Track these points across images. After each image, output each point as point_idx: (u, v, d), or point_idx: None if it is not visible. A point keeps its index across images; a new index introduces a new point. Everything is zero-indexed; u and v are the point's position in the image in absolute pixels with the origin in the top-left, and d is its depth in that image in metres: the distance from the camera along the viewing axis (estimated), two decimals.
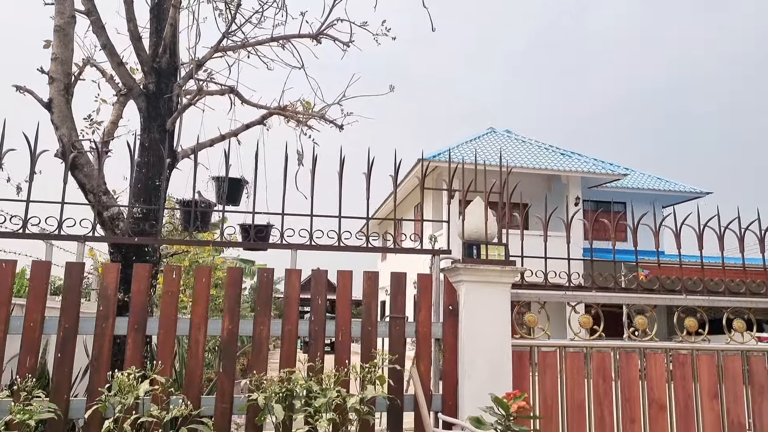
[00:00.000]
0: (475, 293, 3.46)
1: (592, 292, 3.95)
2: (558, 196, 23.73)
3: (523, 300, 3.82)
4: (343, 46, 4.92)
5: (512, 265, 3.48)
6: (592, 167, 22.75)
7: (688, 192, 25.72)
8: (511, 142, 24.75)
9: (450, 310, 3.50)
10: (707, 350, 3.99)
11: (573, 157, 24.18)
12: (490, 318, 3.45)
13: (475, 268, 3.43)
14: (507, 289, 3.51)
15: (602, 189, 24.49)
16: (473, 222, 3.57)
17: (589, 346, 3.84)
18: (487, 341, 3.43)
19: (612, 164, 26.42)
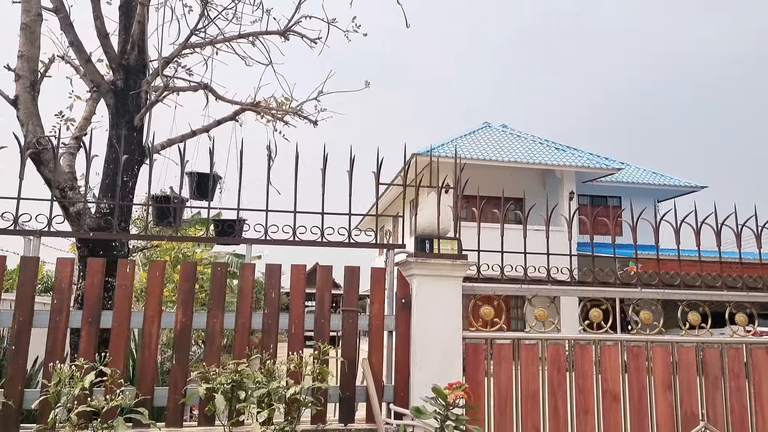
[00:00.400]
0: (427, 286, 3.53)
1: (548, 286, 4.01)
2: (553, 190, 23.79)
3: (479, 293, 3.88)
4: (310, 42, 4.97)
5: (463, 259, 3.55)
6: (586, 161, 22.76)
7: (684, 186, 25.73)
8: (506, 136, 24.77)
9: (403, 303, 3.57)
10: (662, 342, 4.06)
11: (568, 151, 24.19)
12: (441, 311, 3.52)
13: (426, 261, 3.49)
14: (458, 282, 3.58)
15: (597, 183, 24.51)
16: (426, 217, 3.64)
17: (544, 339, 3.91)
18: (437, 333, 3.50)
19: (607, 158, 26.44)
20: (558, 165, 22.10)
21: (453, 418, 2.75)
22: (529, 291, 3.95)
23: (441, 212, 3.68)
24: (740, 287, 4.33)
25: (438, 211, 3.63)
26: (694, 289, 4.23)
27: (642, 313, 4.12)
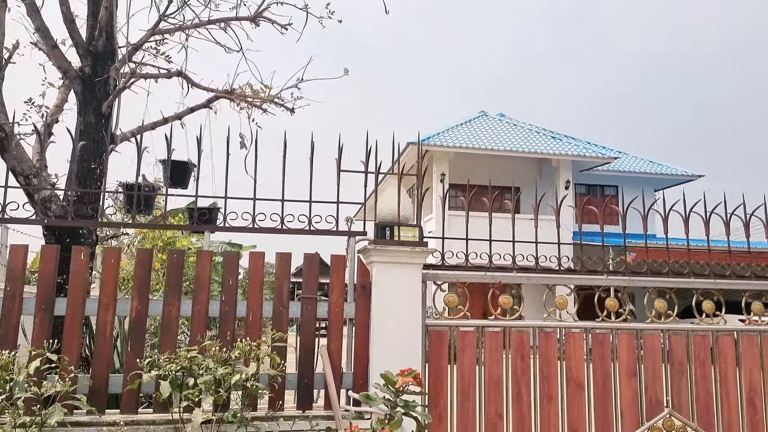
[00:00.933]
0: (386, 274, 3.51)
1: (513, 273, 4.00)
2: (549, 179, 23.73)
3: (443, 280, 3.87)
4: (281, 29, 4.93)
5: (423, 246, 3.53)
6: (582, 150, 22.69)
7: (680, 175, 25.65)
8: (502, 125, 24.67)
9: (363, 290, 3.56)
10: (627, 329, 4.04)
11: (564, 140, 24.09)
12: (400, 298, 3.51)
13: (385, 249, 3.48)
14: (418, 269, 3.56)
15: (594, 172, 24.43)
16: (387, 204, 3.62)
17: (509, 326, 3.90)
18: (397, 321, 3.49)
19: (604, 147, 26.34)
20: (554, 154, 22.04)
21: (401, 404, 2.74)
22: (493, 278, 3.93)
23: (402, 199, 3.65)
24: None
25: (398, 198, 3.61)
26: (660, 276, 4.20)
27: (607, 300, 4.09)
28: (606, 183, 25.79)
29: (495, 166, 23.83)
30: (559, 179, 22.89)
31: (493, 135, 23.40)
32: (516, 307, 3.98)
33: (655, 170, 25.68)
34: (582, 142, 25.86)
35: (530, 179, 24.76)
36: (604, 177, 25.29)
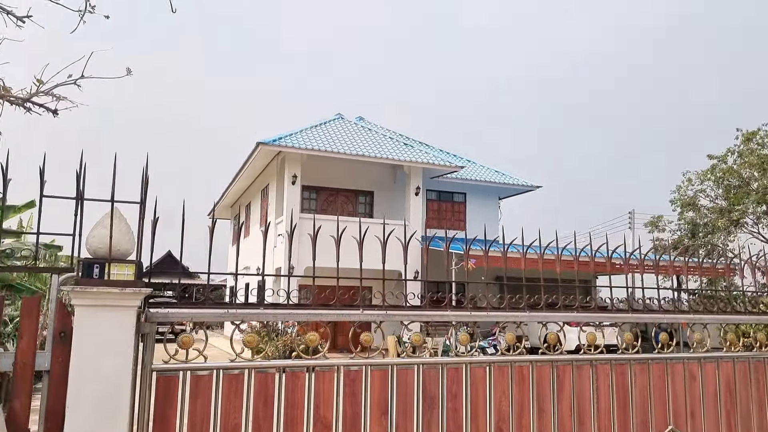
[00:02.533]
0: (90, 319, 3.06)
1: (260, 309, 3.71)
2: (402, 185, 24.23)
3: (174, 320, 3.49)
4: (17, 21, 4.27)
5: (136, 287, 3.12)
6: (432, 158, 23.39)
7: (522, 185, 27.38)
8: (357, 129, 24.78)
9: (61, 337, 3.08)
10: (379, 365, 3.92)
11: (416, 147, 24.74)
12: (107, 345, 3.08)
13: (87, 290, 3.02)
14: (131, 312, 3.14)
15: (444, 180, 25.34)
16: (99, 236, 3.16)
17: (250, 367, 3.61)
18: (102, 371, 3.05)
19: (454, 156, 27.44)
20: (405, 160, 22.51)
21: None
22: (234, 316, 3.62)
23: (120, 230, 3.21)
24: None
25: (111, 228, 3.16)
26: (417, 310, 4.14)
27: (363, 335, 3.95)
28: (455, 190, 26.88)
29: (349, 170, 23.90)
30: (410, 185, 23.40)
31: (348, 139, 23.40)
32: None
33: (499, 180, 27.17)
34: (434, 150, 26.76)
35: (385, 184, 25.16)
36: (454, 184, 26.34)
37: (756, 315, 5.09)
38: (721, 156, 27.12)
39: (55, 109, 5.29)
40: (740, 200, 25.67)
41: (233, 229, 33.44)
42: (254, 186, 27.22)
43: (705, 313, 4.82)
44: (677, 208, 28.23)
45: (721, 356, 4.79)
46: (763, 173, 25.14)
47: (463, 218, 26.94)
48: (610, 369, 4.47)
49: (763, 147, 25.94)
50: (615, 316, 4.60)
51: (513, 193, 28.34)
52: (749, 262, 5.32)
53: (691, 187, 27.92)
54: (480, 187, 27.10)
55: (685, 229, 27.87)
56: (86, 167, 3.21)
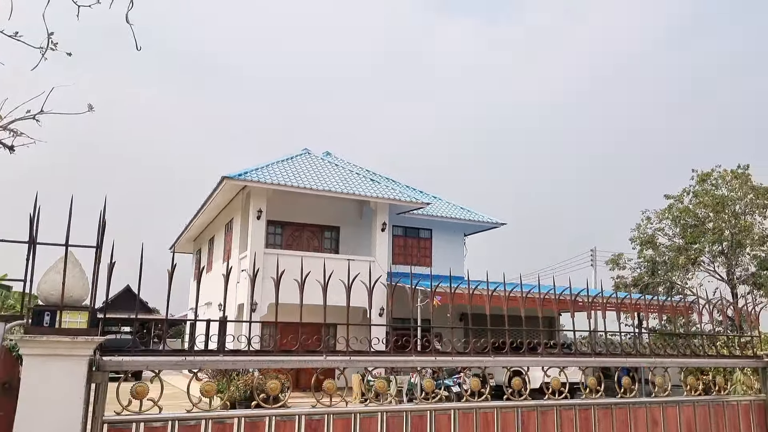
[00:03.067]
0: (40, 369, 2.92)
1: (219, 356, 3.60)
2: (368, 220, 24.21)
3: (128, 369, 3.35)
4: None
5: (88, 336, 3.00)
6: (398, 194, 23.48)
7: (487, 222, 27.66)
8: (324, 165, 24.79)
9: (5, 388, 2.92)
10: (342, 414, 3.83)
11: (382, 183, 24.83)
12: (57, 397, 2.93)
13: (37, 339, 2.89)
14: (83, 362, 3.01)
15: (410, 216, 25.41)
16: (51, 281, 3.04)
17: (208, 418, 3.48)
18: (50, 425, 2.89)
19: (421, 192, 27.66)
20: (371, 196, 22.52)
21: None
22: (192, 364, 3.50)
23: (74, 275, 3.09)
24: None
25: (64, 274, 3.04)
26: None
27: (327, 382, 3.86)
28: (421, 226, 26.96)
29: (315, 205, 23.80)
30: (376, 221, 23.40)
31: (315, 174, 23.38)
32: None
33: (465, 216, 27.41)
34: (400, 186, 26.92)
35: (350, 220, 25.11)
36: (420, 220, 26.44)
37: (714, 358, 5.17)
38: (677, 196, 28.03)
39: (11, 146, 5.16)
40: (696, 239, 26.45)
41: (194, 263, 32.81)
42: (218, 220, 26.84)
43: (666, 356, 4.88)
44: (637, 245, 28.91)
45: (682, 400, 4.84)
46: (717, 213, 26.02)
47: (429, 254, 26.99)
48: (574, 414, 4.46)
49: (717, 188, 26.93)
50: (579, 360, 4.62)
51: (478, 230, 28.59)
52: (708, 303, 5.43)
53: (650, 226, 28.69)
54: (446, 224, 27.26)
55: (645, 267, 28.49)
56: (40, 210, 3.10)
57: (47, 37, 4.71)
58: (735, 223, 25.58)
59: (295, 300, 3.69)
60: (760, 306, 5.99)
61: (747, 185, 26.21)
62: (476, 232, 28.84)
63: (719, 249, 26.43)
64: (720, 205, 25.90)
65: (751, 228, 25.71)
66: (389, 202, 22.97)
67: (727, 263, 26.39)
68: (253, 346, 3.69)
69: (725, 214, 25.88)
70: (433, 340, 4.27)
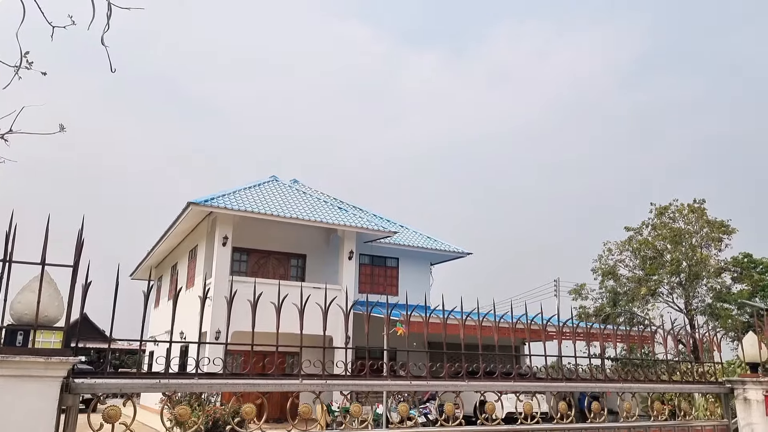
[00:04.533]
0: (11, 390, 2.82)
1: (194, 380, 3.55)
2: (335, 249, 24.16)
3: (101, 392, 3.28)
4: None
5: (63, 356, 2.93)
6: (366, 222, 23.54)
7: (453, 252, 27.89)
8: (292, 192, 24.75)
9: None
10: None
11: (350, 211, 24.87)
12: (27, 420, 2.84)
13: (9, 359, 2.80)
14: (55, 384, 2.93)
15: (377, 244, 25.47)
16: (26, 300, 2.97)
17: None
18: None
19: (388, 221, 27.79)
20: (339, 224, 22.52)
21: None
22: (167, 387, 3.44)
23: (49, 294, 3.03)
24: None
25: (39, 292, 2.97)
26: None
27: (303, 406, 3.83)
28: (388, 255, 27.03)
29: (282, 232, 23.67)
30: (343, 249, 23.37)
31: (282, 201, 23.30)
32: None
33: (431, 245, 27.60)
34: (368, 214, 27.00)
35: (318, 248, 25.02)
36: (387, 249, 26.51)
37: (680, 384, 5.31)
38: (637, 228, 28.85)
39: None
40: (655, 270, 27.18)
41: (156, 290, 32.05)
42: (182, 246, 26.38)
43: (633, 381, 4.99)
44: (599, 276, 29.52)
45: (649, 425, 4.94)
46: (675, 246, 26.85)
47: (395, 283, 27.00)
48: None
49: (675, 221, 27.84)
50: (551, 385, 4.69)
51: (444, 259, 28.80)
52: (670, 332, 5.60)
53: (611, 257, 29.38)
54: (412, 253, 27.39)
55: (607, 297, 29.07)
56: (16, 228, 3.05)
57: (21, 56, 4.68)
58: (692, 255, 26.42)
59: (261, 328, 3.65)
60: (720, 333, 6.21)
61: (703, 219, 27.18)
62: (442, 261, 29.04)
63: (677, 280, 27.20)
64: (677, 237, 26.76)
65: (707, 260, 26.58)
66: (357, 231, 23.01)
67: (684, 294, 27.14)
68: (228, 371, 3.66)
69: (682, 246, 26.73)
70: (408, 366, 4.29)
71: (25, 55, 4.63)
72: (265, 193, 23.44)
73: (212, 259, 21.09)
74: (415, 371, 4.29)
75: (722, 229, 27.05)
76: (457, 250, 28.07)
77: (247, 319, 3.70)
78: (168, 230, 23.73)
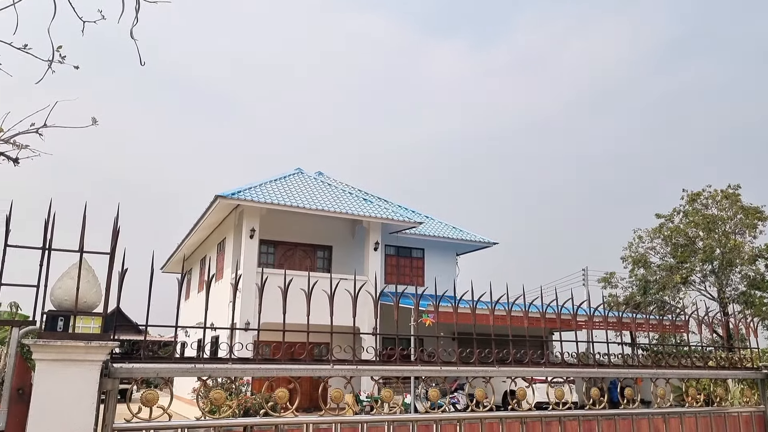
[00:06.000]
0: (54, 374, 2.91)
1: (228, 364, 3.60)
2: (361, 240, 24.24)
3: (139, 376, 3.36)
4: None
5: (102, 340, 3.00)
6: (391, 213, 23.56)
7: (479, 242, 27.76)
8: (317, 184, 24.86)
9: (19, 394, 2.91)
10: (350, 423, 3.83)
11: (375, 202, 24.91)
12: (69, 403, 2.92)
13: (50, 344, 2.89)
14: (95, 367, 3.01)
15: (403, 235, 25.48)
16: (65, 287, 3.05)
17: (217, 426, 3.48)
18: (61, 430, 2.89)
19: (413, 211, 27.75)
20: (364, 216, 22.58)
21: None
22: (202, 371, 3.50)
23: (87, 281, 3.11)
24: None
25: (79, 279, 3.05)
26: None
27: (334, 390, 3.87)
28: (414, 246, 27.02)
29: (308, 225, 23.84)
30: (369, 240, 23.43)
31: (307, 193, 23.43)
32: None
33: (457, 236, 27.50)
34: (393, 206, 27.01)
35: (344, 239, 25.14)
36: (412, 240, 26.50)
37: (715, 370, 5.22)
38: (668, 215, 28.31)
39: (16, 158, 5.18)
40: (687, 258, 26.67)
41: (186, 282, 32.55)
42: (210, 239, 26.76)
43: (668, 368, 4.92)
44: (629, 264, 29.08)
45: (684, 411, 4.87)
46: (708, 233, 26.30)
47: (421, 273, 27.00)
48: (578, 425, 4.48)
49: (707, 207, 27.24)
50: (582, 371, 4.65)
51: (470, 249, 28.68)
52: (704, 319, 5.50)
53: (642, 245, 28.90)
54: (438, 243, 27.34)
55: (637, 286, 28.64)
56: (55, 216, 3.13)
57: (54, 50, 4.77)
58: (725, 243, 25.85)
59: (290, 319, 3.67)
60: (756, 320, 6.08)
61: (737, 205, 26.55)
62: (468, 252, 28.92)
63: (710, 268, 26.66)
64: (710, 224, 26.20)
65: (741, 247, 25.98)
66: (382, 221, 23.05)
67: (717, 282, 26.59)
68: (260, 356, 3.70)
69: (715, 233, 26.16)
70: (438, 351, 4.29)
71: (57, 49, 4.73)
72: (290, 186, 23.60)
73: (240, 251, 21.35)
74: (445, 357, 4.29)
75: (757, 216, 26.40)
76: (483, 239, 27.91)
77: (275, 310, 3.73)
78: (197, 223, 24.07)
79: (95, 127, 5.48)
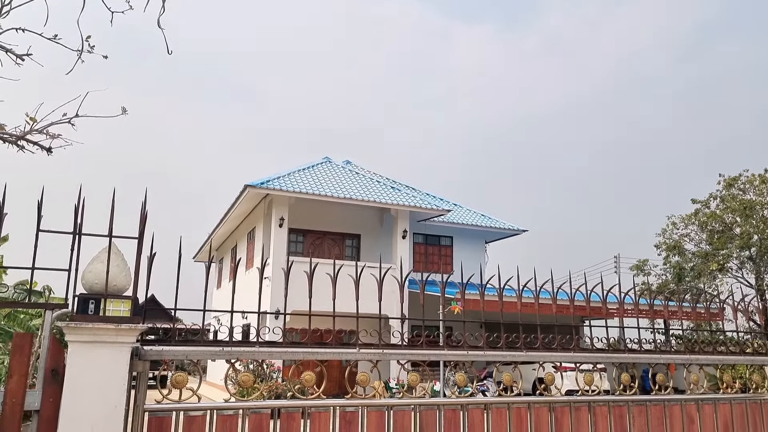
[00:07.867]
0: (85, 355, 2.98)
1: (256, 347, 3.64)
2: (389, 228, 24.26)
3: (168, 358, 3.42)
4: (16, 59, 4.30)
5: (132, 323, 3.06)
6: (419, 201, 23.49)
7: (508, 229, 27.52)
8: (345, 173, 24.91)
9: (53, 375, 2.99)
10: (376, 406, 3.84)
11: (403, 190, 24.85)
12: (101, 383, 2.99)
13: (82, 326, 2.95)
14: (125, 350, 3.07)
15: (431, 223, 25.41)
16: (95, 271, 3.11)
17: (245, 408, 3.52)
18: (94, 411, 2.95)
19: (442, 199, 27.64)
20: (392, 204, 22.56)
21: None
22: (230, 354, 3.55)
23: (117, 265, 3.17)
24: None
25: (108, 263, 3.11)
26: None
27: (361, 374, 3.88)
28: (442, 233, 26.93)
29: (336, 213, 23.94)
30: (397, 228, 23.42)
31: (335, 182, 23.49)
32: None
33: (486, 223, 27.31)
34: (421, 194, 26.92)
35: (372, 227, 25.19)
36: (441, 228, 26.41)
37: (751, 356, 5.08)
38: (703, 201, 27.60)
39: (49, 147, 5.30)
40: (724, 245, 25.99)
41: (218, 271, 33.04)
42: (240, 229, 27.09)
43: (701, 353, 4.81)
44: (662, 251, 28.49)
45: (718, 398, 4.76)
46: (745, 219, 25.56)
47: (450, 261, 26.92)
48: (608, 411, 4.42)
49: (745, 192, 26.47)
50: (612, 356, 4.58)
51: (499, 237, 28.46)
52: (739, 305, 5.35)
53: (676, 231, 28.26)
54: (466, 231, 27.20)
55: (671, 273, 28.05)
56: (85, 202, 3.19)
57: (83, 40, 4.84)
58: (764, 229, 25.09)
59: (317, 307, 3.69)
60: None
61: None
62: (497, 239, 28.70)
63: (747, 255, 25.94)
64: (748, 210, 25.44)
65: None
66: (410, 210, 23.00)
67: (755, 269, 25.87)
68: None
69: (753, 219, 25.41)
70: (465, 336, 4.26)
71: (86, 39, 4.81)
72: (318, 175, 23.70)
73: (269, 240, 21.56)
74: (472, 342, 4.26)
75: None
76: (512, 227, 27.66)
77: (305, 297, 3.74)
78: (227, 213, 24.38)
79: (127, 119, 5.57)
